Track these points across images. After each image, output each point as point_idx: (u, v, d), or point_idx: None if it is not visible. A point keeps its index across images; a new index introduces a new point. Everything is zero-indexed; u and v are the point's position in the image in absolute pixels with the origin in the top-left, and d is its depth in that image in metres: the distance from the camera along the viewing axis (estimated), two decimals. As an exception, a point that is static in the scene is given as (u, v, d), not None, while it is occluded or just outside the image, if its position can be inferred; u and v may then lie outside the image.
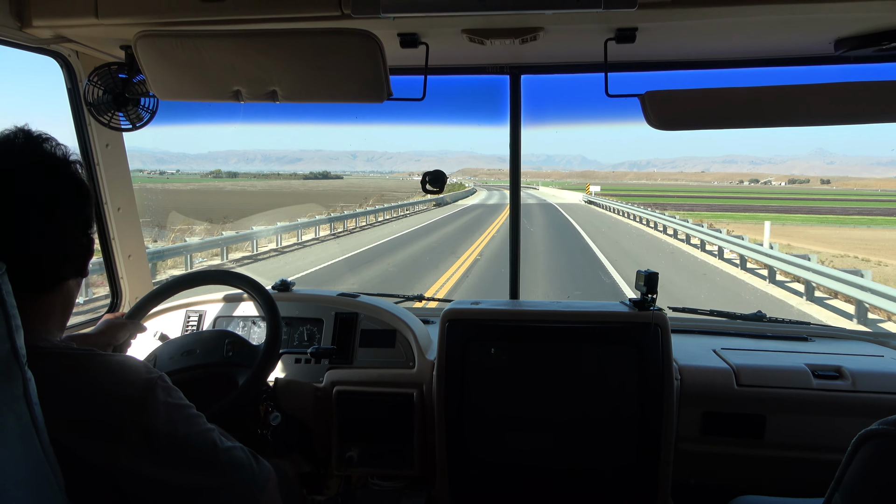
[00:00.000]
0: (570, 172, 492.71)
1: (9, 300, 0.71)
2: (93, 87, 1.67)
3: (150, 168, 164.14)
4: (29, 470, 0.72)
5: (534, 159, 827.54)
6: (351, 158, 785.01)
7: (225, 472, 0.91)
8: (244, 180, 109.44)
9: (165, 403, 0.87)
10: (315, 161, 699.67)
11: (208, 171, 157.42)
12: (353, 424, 1.73)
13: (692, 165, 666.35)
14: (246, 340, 1.53)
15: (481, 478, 1.66)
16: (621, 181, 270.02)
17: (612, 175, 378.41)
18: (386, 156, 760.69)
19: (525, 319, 1.65)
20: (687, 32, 1.53)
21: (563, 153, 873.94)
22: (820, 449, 1.62)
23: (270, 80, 1.46)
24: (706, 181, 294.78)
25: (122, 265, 2.00)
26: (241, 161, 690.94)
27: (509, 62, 1.92)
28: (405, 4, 1.29)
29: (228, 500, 0.91)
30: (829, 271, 10.08)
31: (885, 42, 1.45)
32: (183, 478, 0.86)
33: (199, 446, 0.89)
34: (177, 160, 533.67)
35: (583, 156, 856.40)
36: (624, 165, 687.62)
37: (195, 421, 0.91)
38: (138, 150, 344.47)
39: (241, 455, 0.95)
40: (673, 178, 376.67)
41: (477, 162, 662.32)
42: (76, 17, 1.45)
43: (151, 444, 0.84)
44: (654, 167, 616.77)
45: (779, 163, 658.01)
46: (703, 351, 1.83)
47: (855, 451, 0.89)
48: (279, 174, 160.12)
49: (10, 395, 0.71)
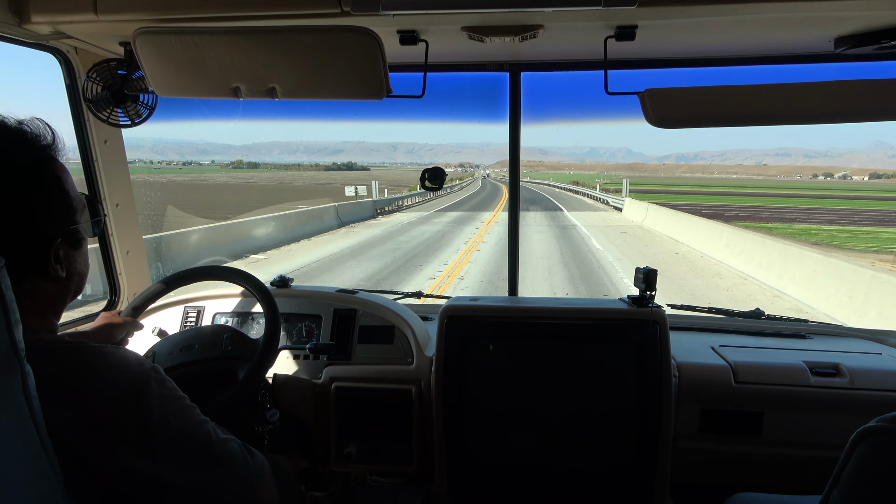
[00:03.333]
0: (615, 165, 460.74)
1: (8, 294, 0.70)
2: (92, 83, 1.67)
3: (172, 159, 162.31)
4: (28, 464, 0.72)
5: (577, 152, 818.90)
6: (391, 150, 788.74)
7: (219, 465, 0.91)
8: (264, 171, 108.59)
9: (159, 395, 0.87)
10: (356, 153, 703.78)
11: (228, 161, 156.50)
12: (352, 421, 1.74)
13: (743, 157, 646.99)
14: (245, 334, 1.53)
15: (479, 474, 1.67)
16: (673, 174, 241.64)
17: (662, 168, 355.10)
18: (427, 147, 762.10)
19: (524, 316, 1.65)
20: (687, 30, 1.53)
21: (606, 145, 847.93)
22: (818, 446, 1.63)
23: (269, 77, 1.46)
24: (770, 175, 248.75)
25: (121, 261, 2.00)
26: (284, 152, 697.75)
27: (509, 59, 1.92)
28: (405, 2, 1.29)
29: (222, 492, 0.91)
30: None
31: (884, 40, 1.45)
32: (177, 470, 0.86)
33: (193, 438, 0.89)
34: (222, 151, 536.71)
35: (627, 148, 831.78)
36: (671, 158, 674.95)
37: (189, 413, 0.91)
38: (175, 142, 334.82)
39: (235, 448, 0.95)
40: (731, 171, 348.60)
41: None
42: (75, 13, 1.44)
43: (146, 436, 0.84)
44: (703, 160, 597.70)
45: (835, 156, 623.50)
46: (701, 348, 1.84)
47: (853, 448, 0.90)
48: (300, 164, 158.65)
49: (9, 390, 0.71)
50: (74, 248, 0.93)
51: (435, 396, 1.65)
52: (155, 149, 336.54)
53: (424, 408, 1.71)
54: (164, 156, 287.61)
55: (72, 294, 0.96)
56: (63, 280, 0.91)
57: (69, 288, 0.95)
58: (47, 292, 0.90)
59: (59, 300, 0.94)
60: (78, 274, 0.95)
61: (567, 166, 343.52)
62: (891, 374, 1.65)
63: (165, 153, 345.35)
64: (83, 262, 0.97)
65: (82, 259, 0.96)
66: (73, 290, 0.96)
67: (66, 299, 0.96)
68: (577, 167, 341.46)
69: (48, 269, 0.88)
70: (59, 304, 0.95)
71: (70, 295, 0.96)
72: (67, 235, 0.91)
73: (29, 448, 0.73)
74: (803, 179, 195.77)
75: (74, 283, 0.95)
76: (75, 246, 0.93)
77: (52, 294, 0.92)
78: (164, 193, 30.97)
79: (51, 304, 0.92)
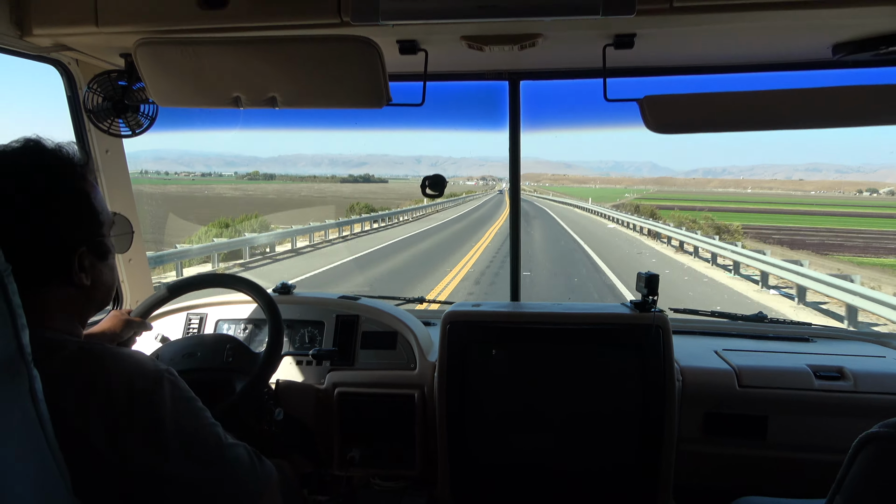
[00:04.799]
0: (643, 179, 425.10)
1: (14, 300, 0.72)
2: (92, 94, 1.68)
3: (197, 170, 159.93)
4: (34, 467, 0.73)
5: (602, 166, 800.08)
6: (415, 163, 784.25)
7: (227, 468, 0.92)
8: (277, 182, 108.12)
9: (173, 396, 0.89)
10: (380, 165, 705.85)
11: (244, 173, 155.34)
12: (355, 425, 1.74)
13: (773, 172, 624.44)
14: (247, 347, 1.53)
15: (483, 479, 1.67)
16: (704, 189, 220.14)
17: (693, 182, 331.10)
18: (451, 161, 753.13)
19: (526, 321, 1.65)
20: (685, 38, 1.54)
21: (631, 159, 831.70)
22: (822, 450, 1.62)
23: (270, 87, 1.47)
24: (805, 190, 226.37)
25: (123, 269, 2.01)
26: (310, 164, 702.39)
27: (508, 68, 1.92)
28: (404, 12, 1.29)
29: (229, 496, 0.92)
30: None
31: (882, 46, 1.45)
32: (186, 471, 0.87)
33: (203, 440, 0.91)
34: (247, 163, 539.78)
35: (652, 162, 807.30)
36: (697, 172, 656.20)
37: (201, 415, 0.93)
38: (203, 154, 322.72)
39: (243, 453, 0.96)
40: (766, 185, 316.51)
41: (542, 167, 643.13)
42: (76, 26, 1.45)
43: (158, 436, 0.85)
44: (730, 174, 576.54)
45: (868, 171, 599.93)
46: (704, 352, 1.84)
47: (856, 453, 0.90)
48: (315, 177, 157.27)
49: (16, 393, 0.72)
50: (100, 258, 0.99)
51: (438, 401, 1.65)
52: (181, 160, 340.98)
53: (427, 412, 1.71)
54: (190, 167, 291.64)
55: (97, 304, 1.02)
56: (87, 288, 0.96)
57: (94, 297, 1.00)
58: (71, 298, 0.95)
59: (84, 308, 1.00)
60: (104, 284, 1.01)
61: (592, 180, 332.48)
62: (895, 378, 1.65)
63: (192, 164, 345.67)
64: (109, 273, 1.03)
65: (108, 271, 1.02)
66: (98, 301, 1.01)
67: (90, 308, 1.01)
68: (603, 181, 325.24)
69: (72, 276, 0.93)
70: (84, 311, 1.00)
71: (95, 305, 1.01)
72: (93, 246, 0.97)
73: (35, 451, 0.74)
74: (844, 195, 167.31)
75: (100, 293, 1.01)
76: (101, 257, 1.00)
77: (77, 301, 0.97)
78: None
79: (75, 310, 0.97)
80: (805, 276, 10.22)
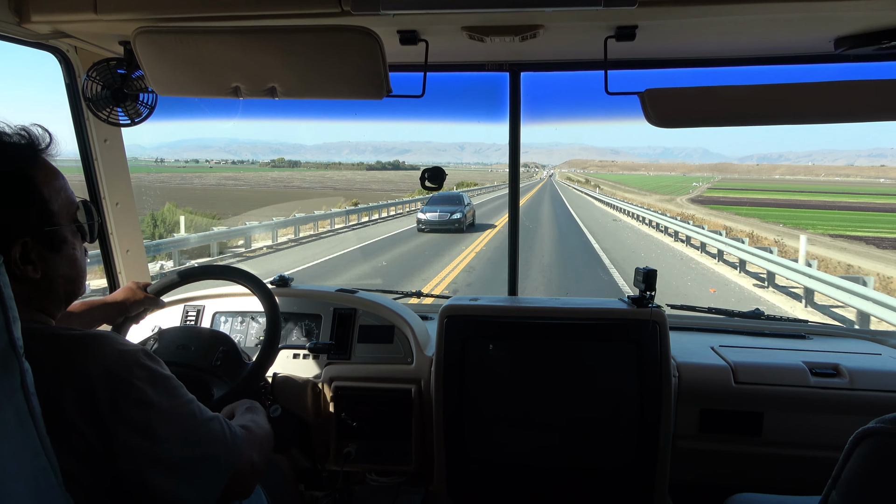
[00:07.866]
0: (699, 166, 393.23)
1: (6, 292, 0.71)
2: (91, 82, 1.67)
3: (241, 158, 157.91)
4: (27, 461, 0.72)
5: (650, 151, 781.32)
6: (458, 150, 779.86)
7: (206, 447, 0.91)
8: (304, 170, 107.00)
9: (151, 376, 0.87)
10: (423, 152, 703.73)
11: (268, 160, 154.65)
12: (351, 420, 1.74)
13: (833, 158, 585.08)
14: (239, 353, 1.51)
15: (478, 474, 1.67)
16: (768, 176, 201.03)
17: (756, 169, 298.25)
18: (494, 147, 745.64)
19: (524, 316, 1.65)
20: (686, 30, 1.53)
21: (681, 146, 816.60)
22: (817, 446, 1.63)
23: (269, 77, 1.46)
24: (891, 177, 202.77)
25: (120, 260, 2.00)
26: (353, 152, 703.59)
27: (509, 59, 1.91)
28: (405, 2, 1.28)
29: (209, 472, 0.91)
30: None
31: (884, 41, 1.45)
32: (168, 451, 0.86)
33: (179, 418, 0.89)
34: (293, 150, 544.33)
35: (704, 148, 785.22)
36: (752, 158, 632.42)
37: (177, 392, 0.91)
38: (250, 142, 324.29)
39: (218, 427, 0.95)
40: (843, 172, 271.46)
41: (587, 153, 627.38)
42: (75, 13, 1.44)
43: (141, 416, 0.84)
44: (787, 160, 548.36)
45: None
46: (701, 348, 1.84)
47: (852, 449, 0.90)
48: (340, 164, 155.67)
49: (8, 387, 0.71)
50: (52, 250, 0.91)
51: (434, 396, 1.65)
52: (228, 148, 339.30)
53: (424, 407, 1.71)
54: (237, 155, 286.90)
55: (59, 297, 0.95)
56: (37, 281, 0.89)
57: (52, 291, 0.93)
58: (23, 292, 0.85)
59: (43, 302, 0.93)
60: (61, 277, 0.93)
61: (643, 167, 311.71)
62: (890, 375, 1.65)
63: (238, 152, 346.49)
64: (69, 266, 0.94)
65: (67, 263, 0.94)
66: (60, 294, 0.94)
67: (51, 300, 0.94)
68: (655, 167, 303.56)
69: (14, 270, 0.86)
70: (45, 305, 0.93)
71: (56, 298, 0.94)
72: (41, 237, 0.89)
73: (28, 445, 0.73)
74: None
75: (58, 286, 0.93)
76: (53, 249, 0.91)
77: (31, 295, 0.90)
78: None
79: (35, 305, 0.91)
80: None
